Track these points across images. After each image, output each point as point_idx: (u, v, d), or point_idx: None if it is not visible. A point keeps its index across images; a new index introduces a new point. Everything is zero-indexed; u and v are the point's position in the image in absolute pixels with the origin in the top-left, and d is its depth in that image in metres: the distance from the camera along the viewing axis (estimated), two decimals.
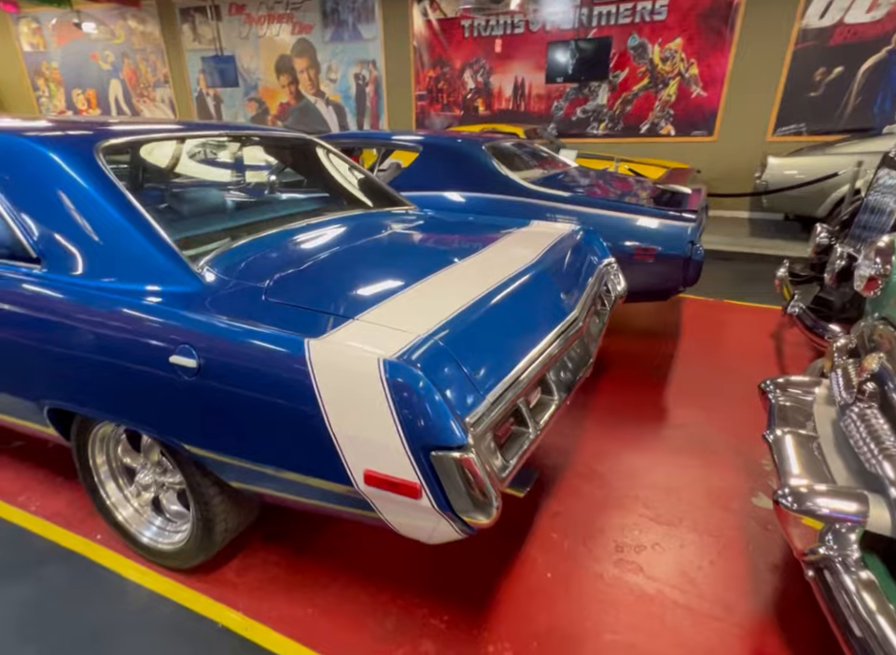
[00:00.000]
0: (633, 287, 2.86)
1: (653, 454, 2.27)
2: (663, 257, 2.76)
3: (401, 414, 1.01)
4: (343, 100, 9.82)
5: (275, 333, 1.13)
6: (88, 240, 1.40)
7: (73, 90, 13.35)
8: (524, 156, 4.12)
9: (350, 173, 2.51)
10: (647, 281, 2.87)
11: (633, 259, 2.80)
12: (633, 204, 2.91)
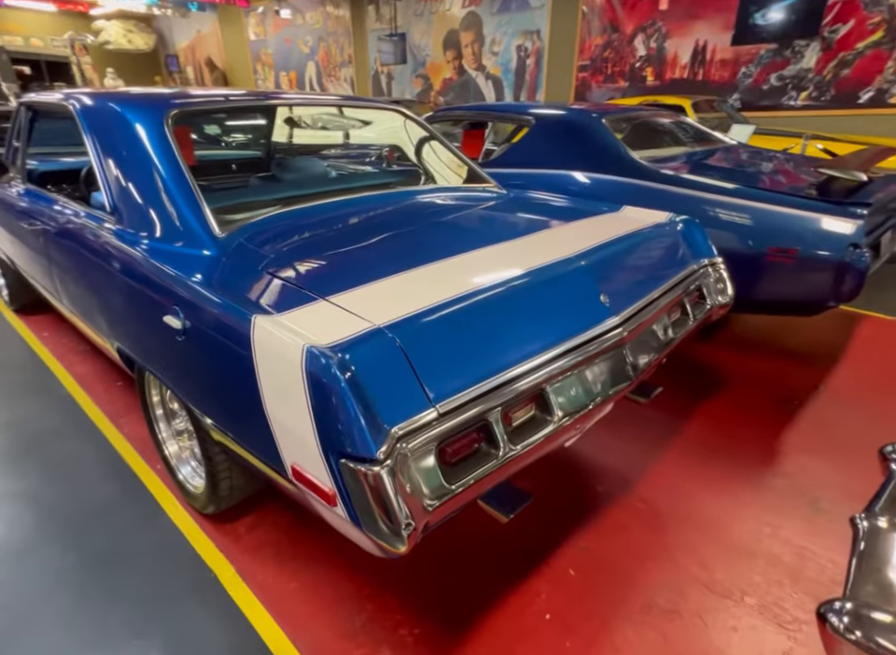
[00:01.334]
0: (763, 297, 2.32)
1: (738, 503, 1.83)
2: (806, 260, 2.16)
3: (316, 410, 0.91)
4: (503, 74, 9.60)
5: (230, 305, 1.11)
6: (140, 197, 1.53)
7: (280, 72, 15.23)
8: (665, 132, 3.58)
9: (433, 147, 2.40)
10: (782, 290, 2.29)
11: (765, 261, 2.25)
12: (776, 192, 2.31)
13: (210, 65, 17.46)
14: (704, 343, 3.00)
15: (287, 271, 1.27)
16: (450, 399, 1.02)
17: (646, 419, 2.32)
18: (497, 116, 3.27)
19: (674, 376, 2.65)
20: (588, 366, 1.30)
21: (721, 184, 2.42)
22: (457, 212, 1.85)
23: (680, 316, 1.70)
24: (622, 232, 1.66)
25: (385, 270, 1.30)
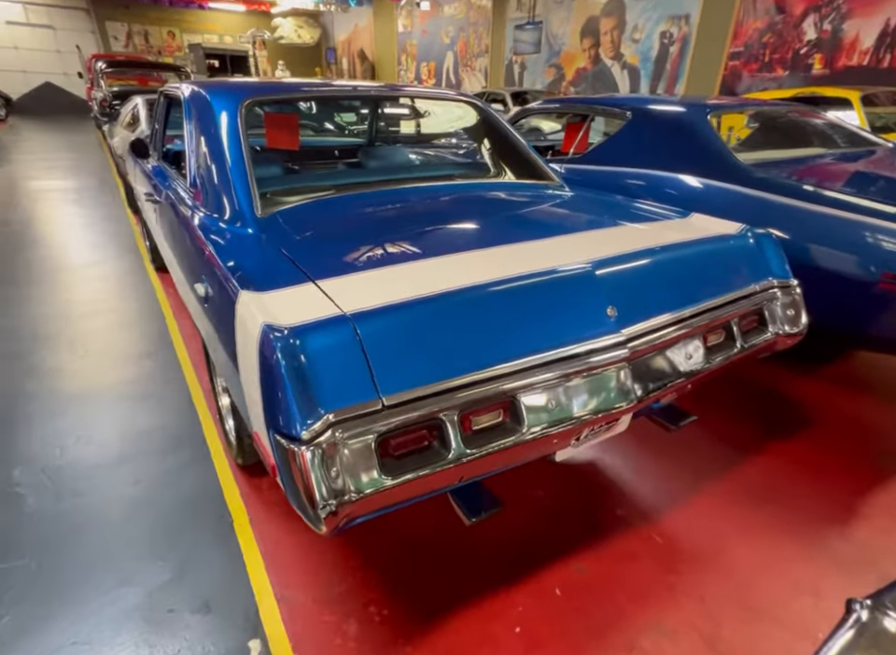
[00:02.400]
0: (872, 332, 1.97)
1: (780, 560, 1.60)
2: None
3: (263, 385, 0.99)
4: (641, 63, 8.99)
5: (229, 279, 1.24)
6: (206, 175, 1.74)
7: (421, 63, 15.82)
8: (801, 131, 3.13)
9: (502, 139, 2.36)
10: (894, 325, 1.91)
11: (876, 289, 1.89)
12: None
13: (361, 57, 18.67)
14: (802, 376, 2.61)
15: (298, 252, 1.37)
16: (399, 393, 1.04)
17: (699, 446, 2.10)
18: (595, 109, 3.10)
19: (750, 406, 2.36)
20: (576, 381, 1.22)
21: (829, 194, 2.07)
22: (497, 208, 1.82)
23: (724, 341, 1.51)
24: (664, 241, 1.52)
25: (393, 258, 1.34)
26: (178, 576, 1.51)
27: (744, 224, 1.73)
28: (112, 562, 1.55)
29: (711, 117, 2.62)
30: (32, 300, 3.34)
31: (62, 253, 4.26)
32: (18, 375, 2.49)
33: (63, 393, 2.37)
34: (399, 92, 2.22)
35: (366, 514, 1.05)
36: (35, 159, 8.43)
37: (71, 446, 2.03)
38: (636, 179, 2.76)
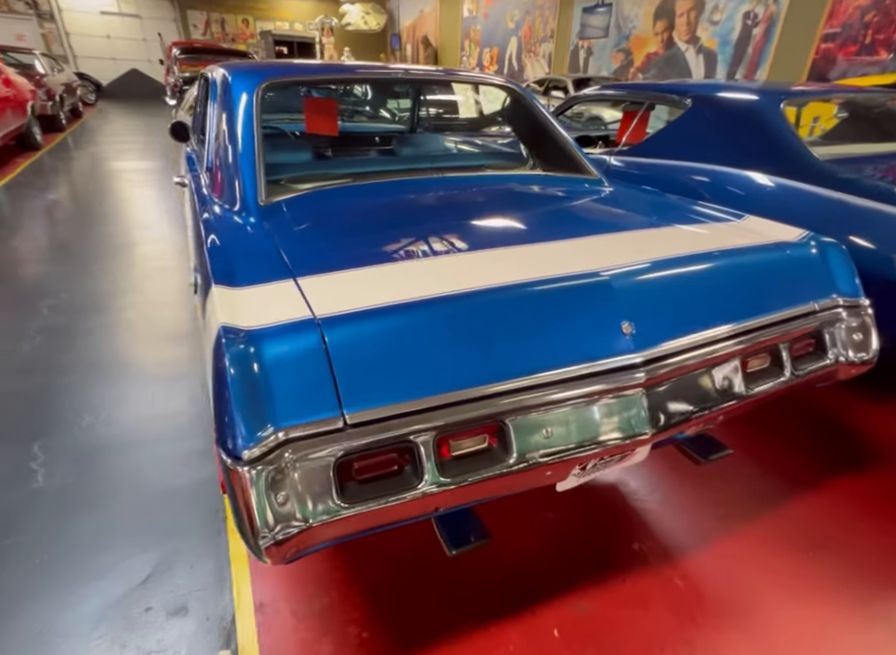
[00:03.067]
0: None
1: (824, 625, 1.37)
2: None
3: (214, 394, 0.90)
4: (719, 47, 8.30)
5: (208, 272, 1.16)
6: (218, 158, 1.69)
7: (484, 48, 15.48)
8: None
9: (540, 128, 2.17)
10: None
11: None
12: None
13: (425, 43, 18.52)
14: (879, 405, 2.28)
15: (291, 244, 1.28)
16: (367, 411, 0.92)
17: (742, 477, 1.87)
18: (650, 95, 2.83)
19: (809, 435, 2.08)
20: (578, 407, 1.07)
21: None
22: (521, 204, 1.66)
23: (769, 367, 1.29)
24: (703, 249, 1.31)
25: (392, 256, 1.22)
26: (162, 571, 1.49)
27: (807, 230, 1.48)
28: (103, 549, 1.55)
29: (785, 105, 2.30)
30: (92, 276, 3.48)
31: (125, 231, 4.45)
32: (58, 347, 2.58)
33: (98, 368, 2.43)
34: (427, 76, 2.08)
35: (323, 543, 0.95)
36: (116, 141, 8.93)
37: (92, 424, 2.07)
38: (696, 175, 2.49)
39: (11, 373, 2.38)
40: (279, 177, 1.77)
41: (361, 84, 3.23)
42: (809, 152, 2.10)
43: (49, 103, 9.02)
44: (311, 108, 2.09)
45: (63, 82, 10.41)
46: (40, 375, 2.37)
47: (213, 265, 1.19)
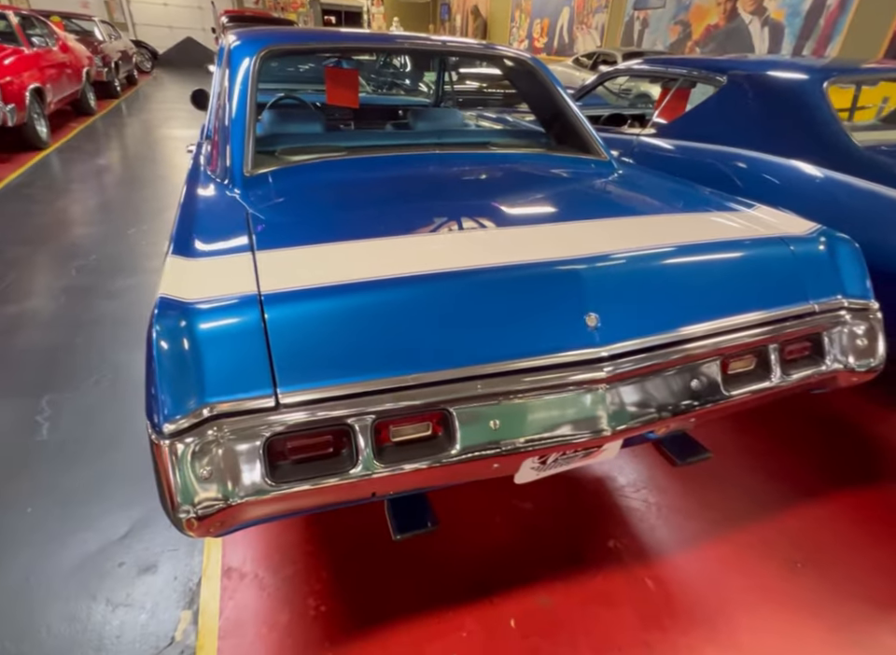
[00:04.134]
0: None
1: (794, 642, 1.30)
2: None
3: (146, 363, 0.90)
4: (788, 18, 7.66)
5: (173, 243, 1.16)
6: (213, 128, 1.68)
7: (535, 20, 14.88)
8: None
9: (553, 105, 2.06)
10: None
11: None
12: None
13: (475, 14, 17.96)
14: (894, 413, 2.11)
15: (264, 216, 1.27)
16: (302, 391, 0.91)
17: (736, 480, 1.78)
18: (684, 72, 2.63)
19: (815, 441, 1.95)
20: (531, 399, 1.02)
21: None
22: (516, 184, 1.59)
23: (754, 370, 1.19)
24: (690, 239, 1.21)
25: (359, 233, 1.19)
26: (141, 528, 1.55)
27: (819, 224, 1.35)
28: (90, 502, 1.62)
29: (830, 84, 2.09)
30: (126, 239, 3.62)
31: (165, 196, 4.60)
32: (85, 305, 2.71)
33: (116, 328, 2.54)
34: (431, 47, 2.00)
35: (256, 520, 0.95)
36: (167, 108, 9.17)
37: (99, 382, 2.17)
38: (729, 160, 2.31)
39: (32, 330, 2.51)
40: (275, 148, 1.75)
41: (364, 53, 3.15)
42: (848, 138, 1.91)
43: (105, 69, 9.31)
44: (332, 79, 2.05)
45: (120, 49, 10.72)
46: (59, 333, 2.49)
47: (177, 235, 1.20)
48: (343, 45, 1.93)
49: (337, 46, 1.92)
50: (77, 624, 1.30)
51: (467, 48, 2.05)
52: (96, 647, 1.25)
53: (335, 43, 1.91)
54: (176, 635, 1.28)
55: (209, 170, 1.64)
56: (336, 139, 1.91)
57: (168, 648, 1.25)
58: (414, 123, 2.33)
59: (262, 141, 1.80)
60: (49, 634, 1.27)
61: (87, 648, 1.24)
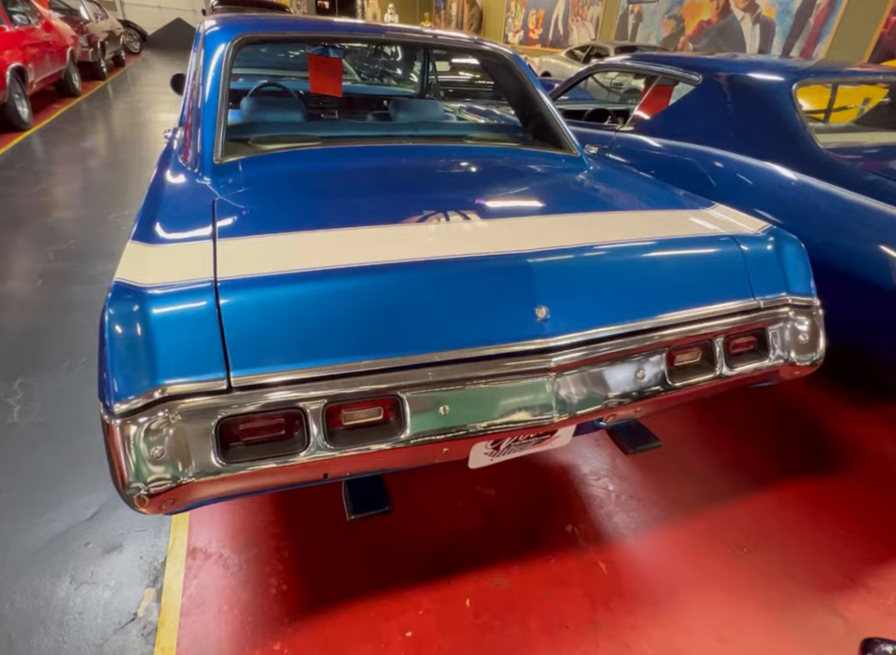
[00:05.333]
0: None
1: (735, 621, 1.36)
2: None
3: (99, 346, 0.93)
4: (779, 16, 7.70)
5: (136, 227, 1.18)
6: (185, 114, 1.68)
7: (530, 10, 14.78)
8: None
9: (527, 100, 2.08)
10: None
11: None
12: None
13: (470, 2, 17.80)
14: (857, 409, 2.19)
15: (227, 204, 1.29)
16: (254, 375, 0.94)
17: (697, 469, 1.84)
18: (663, 69, 2.66)
19: (776, 433, 2.02)
20: (479, 387, 1.06)
21: None
22: (485, 178, 1.61)
23: (700, 363, 1.24)
24: (648, 235, 1.25)
25: (321, 223, 1.22)
26: (108, 510, 1.58)
27: (770, 224, 1.39)
28: (59, 484, 1.65)
29: (799, 86, 2.14)
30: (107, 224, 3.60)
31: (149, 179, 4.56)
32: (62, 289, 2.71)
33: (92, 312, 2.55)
34: (408, 38, 2.00)
35: (207, 499, 0.99)
36: (154, 91, 9.04)
37: (73, 366, 2.18)
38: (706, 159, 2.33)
39: (6, 313, 2.51)
40: (249, 136, 1.76)
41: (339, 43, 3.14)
42: (813, 140, 1.95)
43: (91, 50, 9.14)
44: (314, 66, 2.05)
45: (107, 30, 10.51)
46: (34, 317, 2.49)
47: (140, 221, 1.21)
48: (319, 34, 1.93)
49: (314, 35, 1.93)
50: (41, 600, 1.33)
51: (446, 40, 2.06)
52: (58, 621, 1.28)
53: (312, 32, 1.91)
54: (139, 612, 1.32)
55: (180, 157, 1.65)
56: (312, 129, 1.92)
57: (130, 624, 1.29)
58: (395, 114, 2.34)
59: (238, 128, 1.81)
60: (13, 609, 1.30)
61: (49, 622, 1.27)
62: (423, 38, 2.02)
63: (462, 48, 2.07)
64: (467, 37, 2.10)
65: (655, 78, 2.77)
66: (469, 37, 2.11)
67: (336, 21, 2.05)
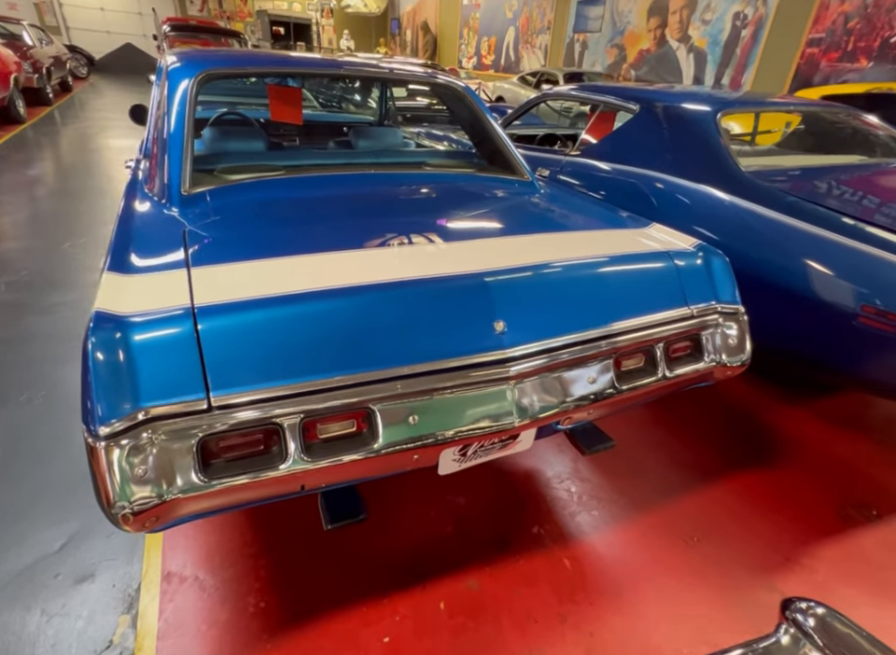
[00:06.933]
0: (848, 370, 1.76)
1: (687, 603, 1.47)
2: None
3: (82, 372, 0.97)
4: (709, 47, 8.32)
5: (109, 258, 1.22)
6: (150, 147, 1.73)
7: (483, 37, 15.36)
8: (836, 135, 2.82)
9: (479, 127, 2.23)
10: (874, 367, 1.69)
11: (856, 323, 1.67)
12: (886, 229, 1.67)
13: (424, 29, 18.35)
14: (790, 406, 2.38)
15: (199, 234, 1.34)
16: (233, 394, 1.00)
17: (652, 468, 1.97)
18: (603, 100, 2.88)
19: (722, 431, 2.18)
20: (444, 396, 1.15)
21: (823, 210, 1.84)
22: (441, 203, 1.72)
23: (643, 367, 1.38)
24: (593, 253, 1.38)
25: (289, 250, 1.28)
26: (78, 541, 1.57)
27: (699, 240, 1.56)
28: (23, 518, 1.62)
29: (723, 115, 2.37)
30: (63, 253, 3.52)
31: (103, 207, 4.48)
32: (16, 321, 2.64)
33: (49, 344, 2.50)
34: (367, 73, 2.12)
35: (193, 515, 1.03)
36: (104, 117, 8.86)
37: (31, 399, 2.14)
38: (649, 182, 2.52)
39: None
40: (215, 167, 1.82)
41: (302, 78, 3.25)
42: (736, 164, 2.17)
43: (35, 75, 8.91)
44: (274, 96, 2.13)
45: (52, 55, 10.28)
46: None
47: (113, 252, 1.26)
48: (280, 70, 2.02)
49: (275, 71, 2.02)
50: (10, 636, 1.31)
51: (403, 74, 2.19)
52: None
53: (273, 68, 2.00)
54: (114, 639, 1.32)
55: (147, 187, 1.69)
56: (276, 158, 2.00)
57: (106, 651, 1.29)
58: (356, 142, 2.44)
59: (202, 159, 1.87)
60: None
61: None
62: (380, 73, 2.14)
63: (421, 82, 2.19)
64: (422, 71, 2.24)
65: (599, 106, 2.99)
66: (425, 71, 2.25)
67: (296, 57, 2.15)
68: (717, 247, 1.58)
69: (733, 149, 2.23)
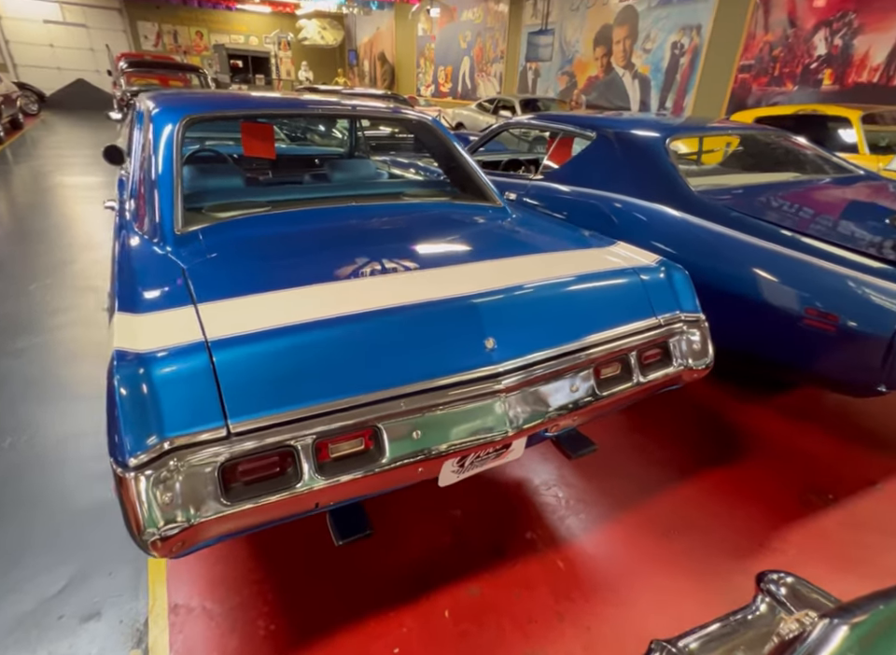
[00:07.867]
0: (802, 368, 1.94)
1: (672, 593, 1.58)
2: (849, 332, 1.74)
3: (108, 409, 1.03)
4: (652, 73, 8.89)
5: (114, 301, 1.28)
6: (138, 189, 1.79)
7: (439, 67, 15.88)
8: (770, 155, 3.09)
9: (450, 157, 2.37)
10: (821, 363, 1.87)
11: (802, 325, 1.86)
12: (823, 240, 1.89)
13: (382, 60, 18.83)
14: (751, 404, 2.57)
15: (199, 271, 1.41)
16: (250, 420, 1.07)
17: (630, 470, 2.09)
18: (562, 128, 3.09)
19: (691, 431, 2.33)
20: (444, 411, 1.24)
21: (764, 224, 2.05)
22: (423, 231, 1.84)
23: (620, 374, 1.51)
24: (563, 273, 1.52)
25: (287, 282, 1.36)
26: (79, 581, 1.57)
27: (661, 256, 1.72)
28: (18, 564, 1.61)
29: (671, 141, 2.59)
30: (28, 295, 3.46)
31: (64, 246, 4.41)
32: None
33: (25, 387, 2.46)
34: (346, 112, 2.25)
35: (215, 538, 1.08)
36: (58, 154, 8.72)
37: (14, 444, 2.11)
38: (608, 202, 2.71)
39: None
40: (201, 205, 1.89)
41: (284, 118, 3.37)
42: (685, 184, 2.38)
43: None
44: (247, 132, 2.22)
45: (1, 93, 10.10)
46: None
47: (119, 292, 1.32)
48: (261, 112, 2.12)
49: (257, 112, 2.12)
50: None
51: (378, 112, 2.32)
52: None
53: (255, 110, 2.10)
54: None
55: (137, 227, 1.74)
56: (257, 194, 2.08)
57: None
58: (331, 174, 2.55)
59: (187, 198, 1.93)
60: None
61: None
62: (361, 112, 2.27)
63: (393, 119, 2.32)
64: (391, 108, 2.37)
65: (559, 134, 3.20)
66: (395, 107, 2.39)
67: (275, 98, 2.26)
68: (674, 260, 1.75)
69: (682, 170, 2.44)
